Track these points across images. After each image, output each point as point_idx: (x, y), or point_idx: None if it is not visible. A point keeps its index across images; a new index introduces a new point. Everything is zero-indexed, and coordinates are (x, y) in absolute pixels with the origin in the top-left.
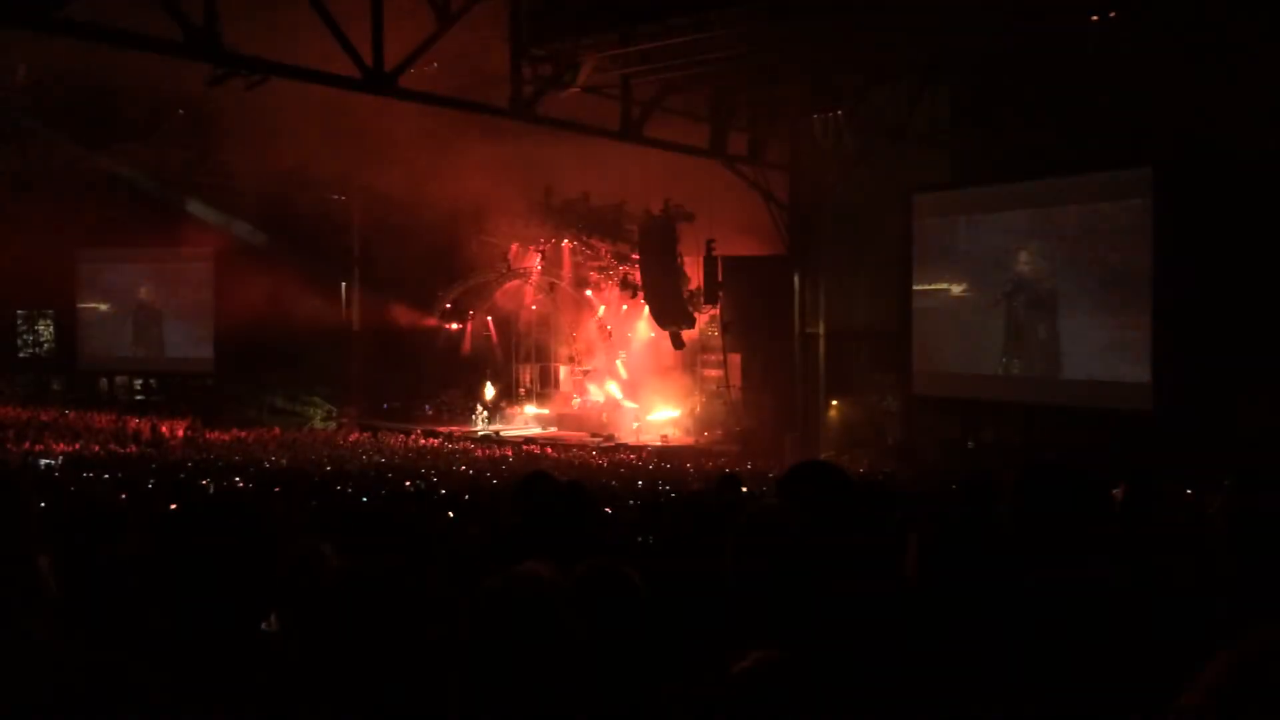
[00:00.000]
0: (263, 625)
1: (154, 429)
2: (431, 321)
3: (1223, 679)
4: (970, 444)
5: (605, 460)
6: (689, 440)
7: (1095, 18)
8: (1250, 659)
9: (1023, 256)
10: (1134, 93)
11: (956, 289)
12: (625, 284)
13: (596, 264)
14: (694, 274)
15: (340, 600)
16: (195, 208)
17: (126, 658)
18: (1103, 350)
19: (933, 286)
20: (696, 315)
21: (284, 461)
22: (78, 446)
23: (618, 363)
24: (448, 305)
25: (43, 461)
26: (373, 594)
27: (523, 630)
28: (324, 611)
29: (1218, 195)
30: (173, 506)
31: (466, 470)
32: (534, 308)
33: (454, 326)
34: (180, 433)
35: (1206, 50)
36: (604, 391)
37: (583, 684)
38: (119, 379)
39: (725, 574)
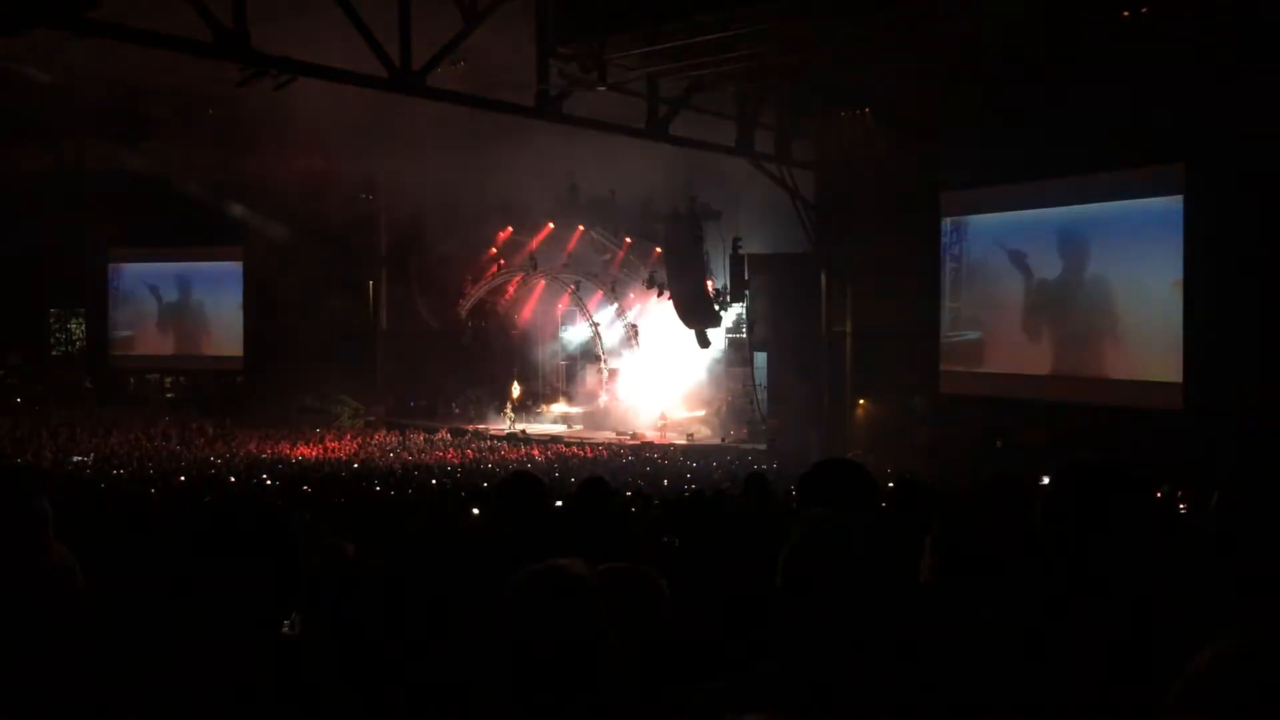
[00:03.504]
0: (284, 626)
1: (183, 426)
2: (458, 320)
3: (1209, 673)
4: (999, 443)
5: (631, 459)
6: (715, 439)
7: (1126, 14)
8: (1235, 653)
9: (1052, 254)
10: (1166, 90)
11: (985, 287)
12: (651, 282)
13: (622, 262)
14: (720, 272)
15: (362, 600)
16: (225, 207)
17: (148, 654)
18: (1133, 349)
19: (961, 285)
20: (722, 313)
21: (315, 454)
22: (109, 444)
23: (644, 361)
24: (474, 303)
25: (74, 458)
26: (393, 593)
27: (560, 626)
28: (346, 611)
29: (1251, 192)
30: (192, 506)
31: (493, 468)
32: (560, 306)
33: (480, 324)
34: (209, 430)
35: (1238, 47)
36: (630, 390)
37: (614, 684)
38: (149, 377)
39: (775, 583)
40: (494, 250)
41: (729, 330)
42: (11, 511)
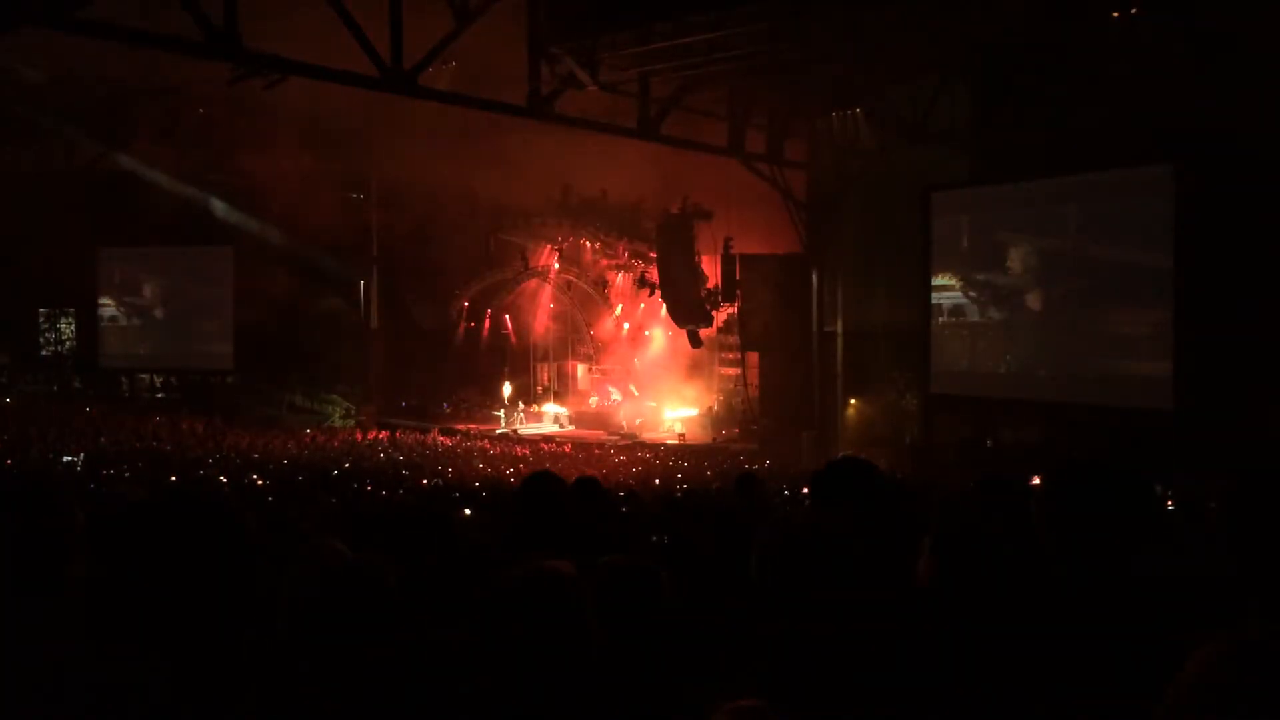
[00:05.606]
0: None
1: (174, 426)
2: (449, 320)
3: (1206, 674)
4: (989, 443)
5: (623, 458)
6: (706, 439)
7: (1116, 14)
8: (1232, 654)
9: (1042, 254)
10: (1155, 89)
11: (975, 287)
12: (643, 282)
13: (614, 262)
14: (712, 272)
15: (352, 598)
16: (215, 206)
17: (139, 658)
18: (1123, 348)
19: (951, 284)
20: (714, 314)
21: (305, 453)
22: (98, 444)
23: (635, 361)
24: (465, 303)
25: (64, 459)
26: (386, 592)
27: (542, 628)
28: (336, 609)
29: (1239, 192)
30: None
31: (484, 468)
32: (551, 306)
33: (471, 325)
34: (200, 430)
35: (1227, 47)
36: (621, 390)
37: (599, 686)
38: (139, 377)
39: (750, 577)
40: (485, 249)
41: (721, 330)
42: (39, 522)
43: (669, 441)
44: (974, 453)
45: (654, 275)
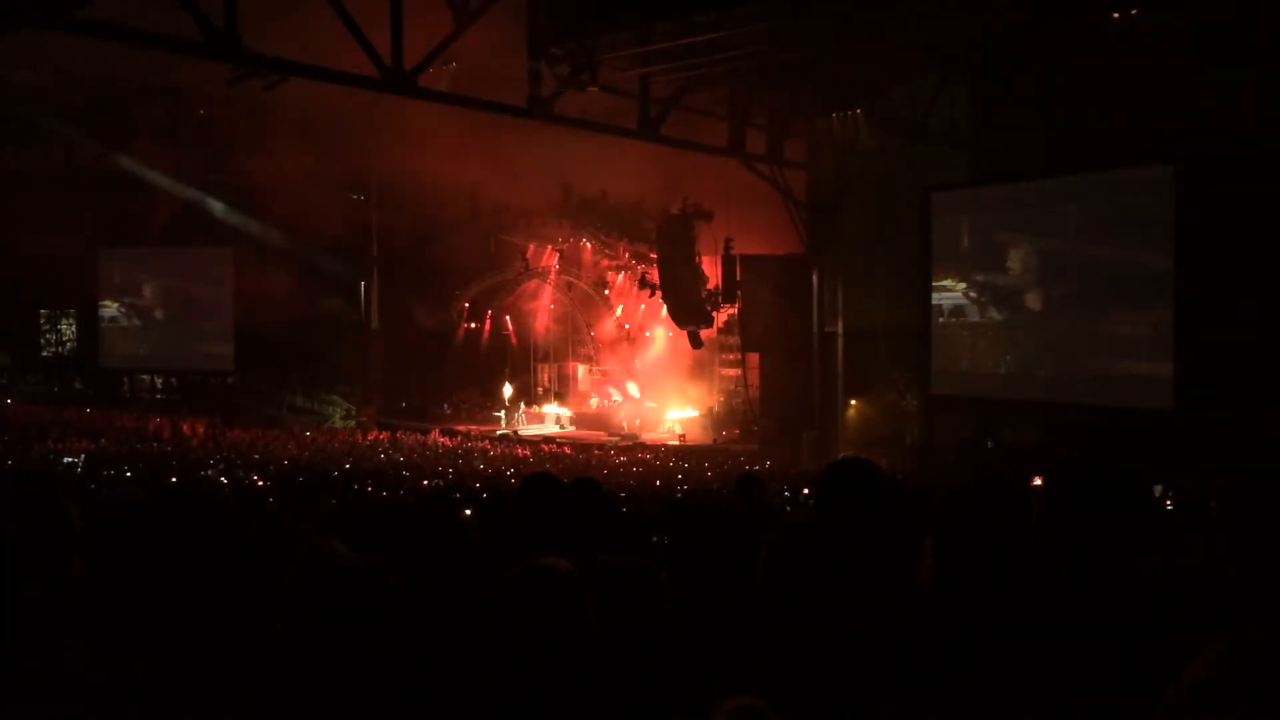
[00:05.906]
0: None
1: (174, 427)
2: (450, 320)
3: (1204, 675)
4: (989, 443)
5: (623, 459)
6: (707, 439)
7: (1116, 14)
8: (1231, 654)
9: (1042, 254)
10: (1155, 89)
11: (975, 287)
12: (643, 283)
13: (614, 263)
14: (712, 273)
15: (352, 598)
16: (215, 207)
17: (139, 658)
18: (1123, 348)
19: (951, 285)
20: (714, 314)
21: (305, 454)
22: (99, 445)
23: (635, 362)
24: (466, 304)
25: (65, 459)
26: (385, 592)
27: (541, 624)
28: (335, 609)
29: (1239, 192)
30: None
31: (485, 469)
32: (552, 307)
33: (472, 325)
34: (200, 431)
35: (1228, 47)
36: (622, 391)
37: (598, 684)
38: (139, 377)
39: (754, 579)
40: (486, 250)
41: (721, 330)
42: (39, 521)
43: (669, 442)
44: (974, 453)
45: (654, 276)
